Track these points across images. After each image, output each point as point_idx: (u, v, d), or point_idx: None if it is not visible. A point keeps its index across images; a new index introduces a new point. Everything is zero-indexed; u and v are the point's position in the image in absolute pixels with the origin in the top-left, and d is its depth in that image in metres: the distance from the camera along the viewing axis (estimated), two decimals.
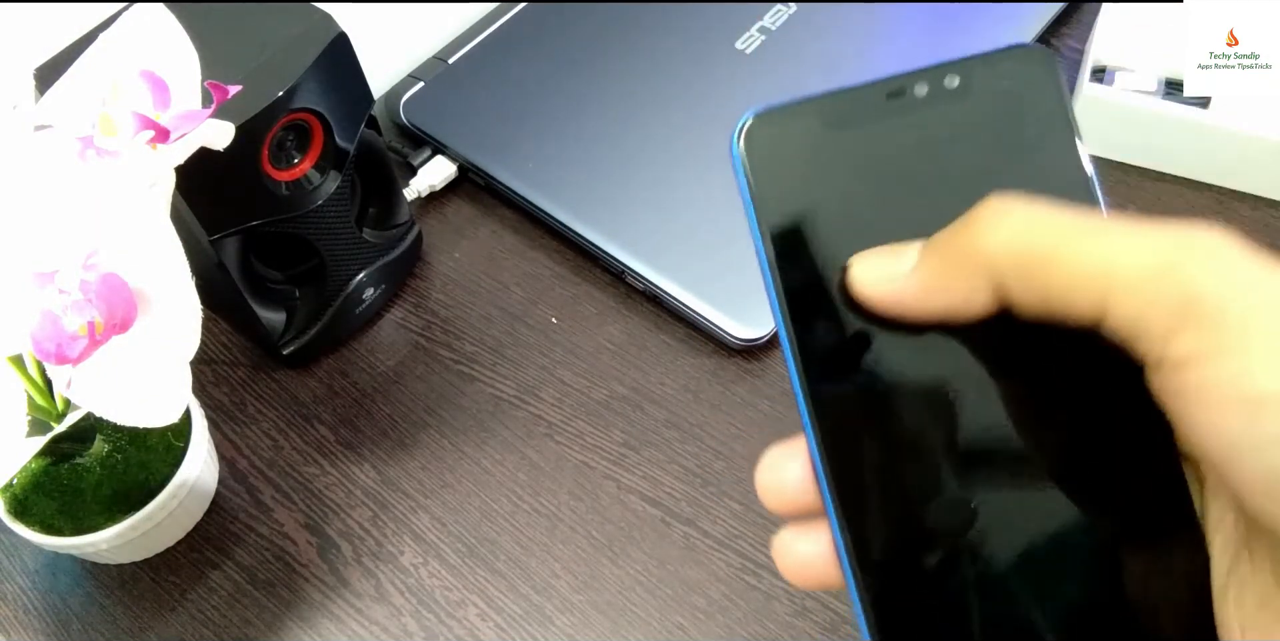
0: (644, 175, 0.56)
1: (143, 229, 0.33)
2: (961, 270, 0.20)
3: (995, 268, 0.20)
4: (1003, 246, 0.19)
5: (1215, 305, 0.18)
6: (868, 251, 0.22)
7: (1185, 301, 0.18)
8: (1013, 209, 0.20)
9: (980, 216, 0.20)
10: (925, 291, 0.21)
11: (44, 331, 0.31)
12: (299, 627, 0.46)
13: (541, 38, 0.61)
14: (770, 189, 0.22)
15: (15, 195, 0.33)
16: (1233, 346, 0.17)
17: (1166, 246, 0.18)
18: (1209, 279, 0.18)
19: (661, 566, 0.46)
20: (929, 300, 0.21)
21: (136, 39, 0.36)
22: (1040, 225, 0.19)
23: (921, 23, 0.61)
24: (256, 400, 0.52)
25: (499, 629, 0.45)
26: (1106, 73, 0.56)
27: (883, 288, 0.21)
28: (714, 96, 0.58)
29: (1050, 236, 0.19)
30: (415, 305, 0.55)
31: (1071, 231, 0.19)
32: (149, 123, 0.33)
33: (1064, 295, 0.19)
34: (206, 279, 0.42)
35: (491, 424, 0.51)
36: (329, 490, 0.49)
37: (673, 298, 0.52)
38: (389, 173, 0.53)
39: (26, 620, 0.46)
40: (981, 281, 0.20)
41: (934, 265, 0.21)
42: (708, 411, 0.51)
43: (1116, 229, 0.19)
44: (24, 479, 0.44)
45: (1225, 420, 0.18)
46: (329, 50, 0.43)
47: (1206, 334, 0.18)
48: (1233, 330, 0.17)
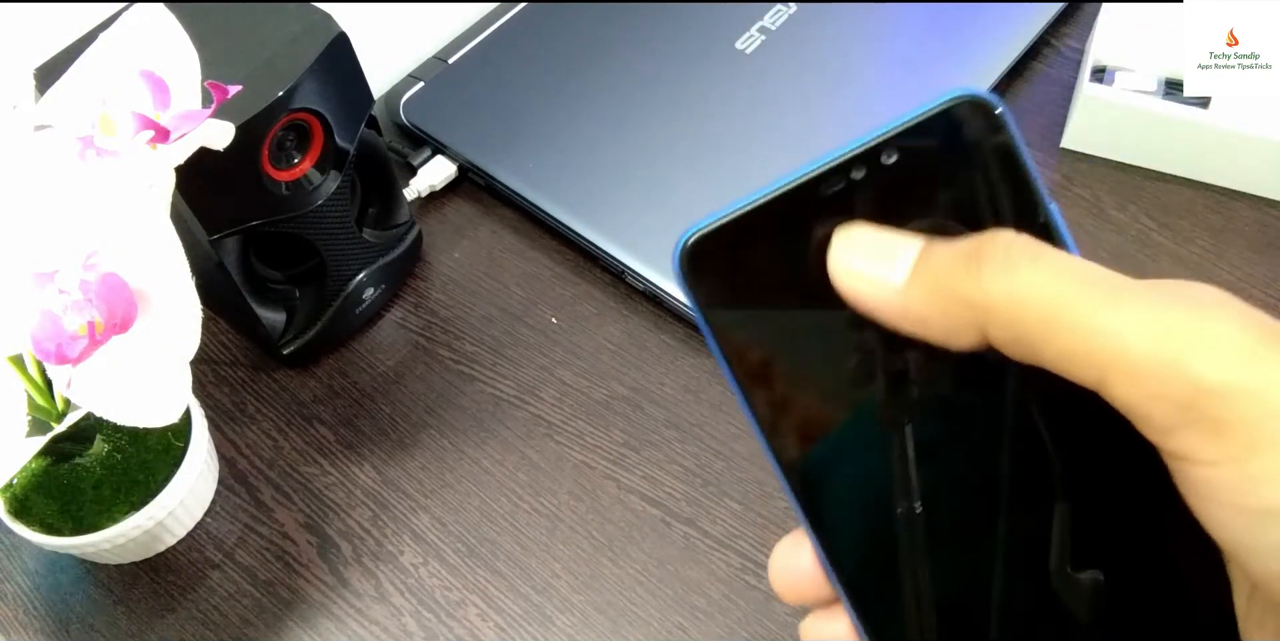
0: (644, 175, 0.55)
1: (143, 229, 0.33)
2: (952, 309, 0.19)
3: (990, 315, 0.18)
4: (1002, 298, 0.18)
5: (1220, 407, 0.17)
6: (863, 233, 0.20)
7: (1190, 399, 0.17)
8: (1018, 258, 0.18)
9: (983, 257, 0.19)
10: (906, 314, 0.19)
11: (44, 331, 0.31)
12: (299, 627, 0.46)
13: (541, 38, 0.61)
14: (722, 307, 0.21)
15: (15, 195, 0.33)
16: (1238, 453, 0.17)
17: (1175, 332, 0.17)
18: (1216, 376, 0.17)
19: (661, 566, 0.46)
20: (908, 323, 0.20)
21: (136, 39, 0.36)
22: (1045, 283, 0.18)
23: (921, 23, 0.61)
24: (256, 400, 0.52)
25: (499, 629, 0.45)
26: (1106, 73, 0.56)
27: (865, 288, 0.20)
28: (714, 96, 0.58)
29: (1054, 299, 0.18)
30: (415, 305, 0.55)
31: (1077, 296, 0.18)
32: (149, 123, 0.33)
33: (1060, 362, 0.18)
34: (206, 279, 0.42)
35: (491, 424, 0.51)
36: (329, 490, 0.49)
37: (673, 298, 0.52)
38: (389, 173, 0.53)
39: (26, 620, 0.46)
40: (970, 325, 0.19)
41: (925, 294, 0.19)
42: (708, 411, 0.51)
43: (1125, 300, 0.17)
44: (24, 479, 0.44)
45: (1230, 520, 0.17)
46: (329, 50, 0.43)
47: (1211, 436, 0.17)
48: (1238, 435, 0.17)
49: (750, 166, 0.55)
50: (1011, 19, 0.61)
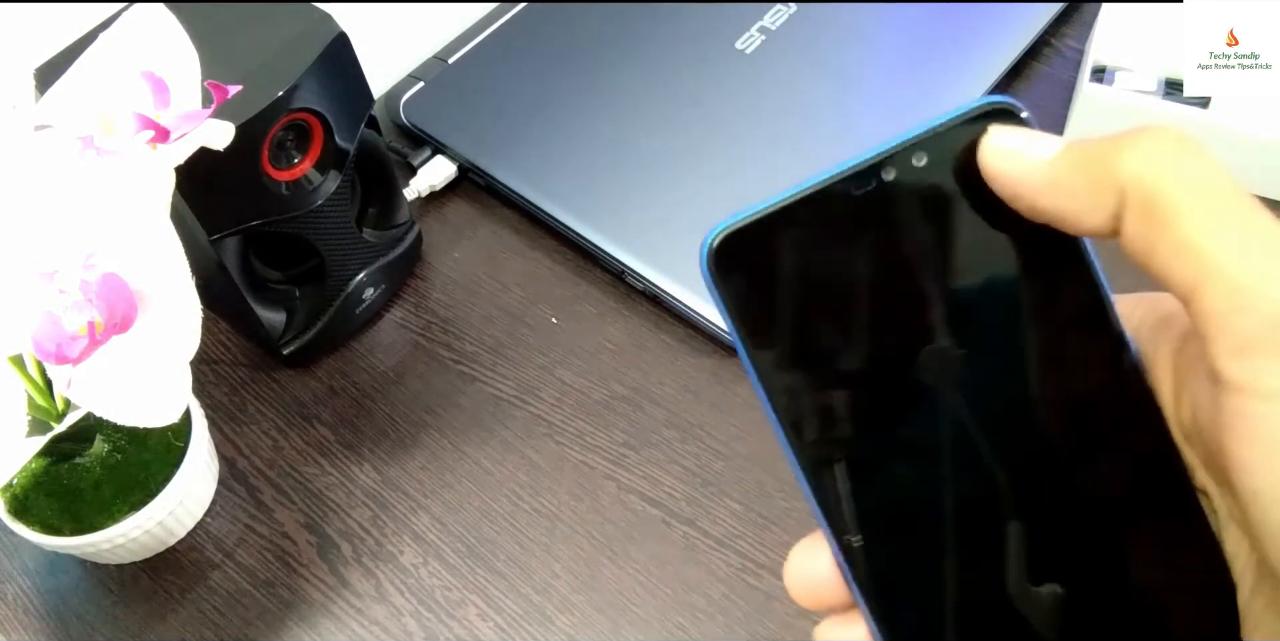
0: (644, 175, 0.56)
1: (143, 229, 0.33)
2: (1099, 179, 0.19)
3: (1129, 194, 0.18)
4: (1139, 177, 0.18)
5: None
6: (1007, 127, 0.20)
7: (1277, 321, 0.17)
8: (1169, 146, 0.18)
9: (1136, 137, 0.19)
10: (1052, 186, 0.19)
11: (44, 331, 0.31)
12: (299, 627, 0.46)
13: (541, 38, 0.61)
14: (748, 303, 0.21)
15: (15, 195, 0.33)
16: None
17: None
18: None
19: (661, 566, 0.46)
20: (1052, 197, 0.20)
21: (136, 39, 0.36)
22: (1185, 176, 0.18)
23: (922, 23, 0.61)
24: (256, 400, 0.52)
25: (499, 629, 0.45)
26: (1106, 73, 0.56)
27: (1011, 163, 0.20)
28: (714, 96, 0.58)
29: (1187, 192, 0.18)
30: (415, 305, 0.55)
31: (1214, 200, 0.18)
32: (149, 123, 0.33)
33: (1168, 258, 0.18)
34: (206, 279, 0.42)
35: (491, 424, 0.51)
36: (329, 490, 0.49)
37: (673, 297, 0.52)
38: (389, 173, 0.53)
39: (26, 620, 0.46)
40: (1109, 202, 0.19)
41: (1072, 165, 0.19)
42: (708, 411, 0.51)
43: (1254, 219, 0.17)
44: (24, 479, 0.44)
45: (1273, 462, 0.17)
46: (329, 50, 0.43)
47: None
48: None
49: (750, 166, 0.55)
50: (1011, 19, 0.61)
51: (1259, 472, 0.17)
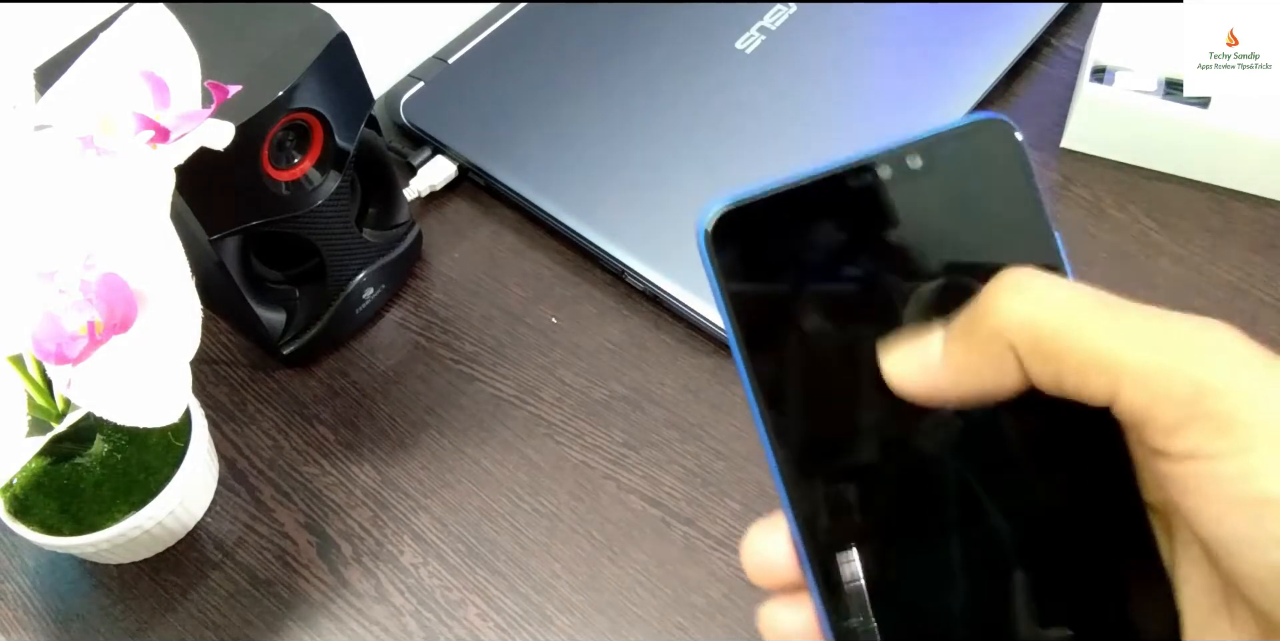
0: (644, 175, 0.55)
1: (143, 229, 0.33)
2: (986, 351, 0.20)
3: (1017, 344, 0.20)
4: (1017, 325, 0.20)
5: (1222, 403, 0.18)
6: (894, 343, 0.22)
7: (1193, 398, 0.18)
8: (1027, 286, 0.20)
9: (995, 293, 0.20)
10: (957, 376, 0.21)
11: (44, 331, 0.31)
12: (299, 627, 0.46)
13: (541, 38, 0.61)
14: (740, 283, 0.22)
15: (15, 195, 0.33)
16: (1240, 446, 0.18)
17: (1177, 340, 0.19)
18: (1217, 377, 0.18)
19: (661, 566, 0.46)
20: (963, 384, 0.21)
21: (136, 39, 0.36)
22: (1054, 305, 0.19)
23: (922, 23, 0.61)
24: (256, 400, 0.52)
25: (499, 629, 0.45)
26: (1106, 73, 0.56)
27: (918, 379, 0.21)
28: (714, 96, 0.58)
29: (1062, 318, 0.19)
30: (415, 305, 0.55)
31: (1084, 314, 0.19)
32: (149, 123, 0.33)
33: (1076, 378, 0.19)
34: (206, 279, 0.42)
35: (491, 424, 0.51)
36: (329, 490, 0.49)
37: (673, 297, 0.52)
38: (389, 173, 0.53)
39: (26, 620, 0.46)
40: (1007, 360, 0.20)
41: (960, 349, 0.21)
42: (708, 411, 0.51)
43: (1129, 316, 0.19)
44: (24, 479, 0.44)
45: (1229, 516, 0.18)
46: (329, 50, 0.43)
47: (1213, 431, 0.18)
48: (1239, 430, 0.18)
49: (751, 166, 0.55)
50: (1011, 19, 0.61)
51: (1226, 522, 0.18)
